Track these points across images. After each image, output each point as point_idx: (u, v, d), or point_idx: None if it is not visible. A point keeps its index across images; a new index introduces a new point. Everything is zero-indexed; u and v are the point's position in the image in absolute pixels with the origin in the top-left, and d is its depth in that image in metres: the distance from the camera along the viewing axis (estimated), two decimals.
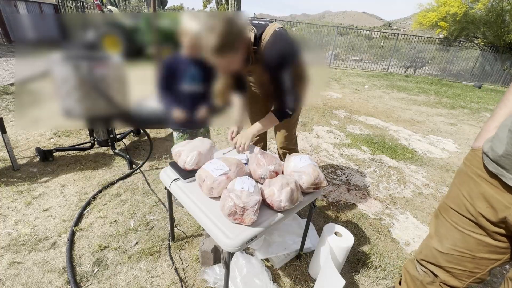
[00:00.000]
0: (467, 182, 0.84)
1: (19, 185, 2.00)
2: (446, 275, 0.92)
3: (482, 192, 0.79)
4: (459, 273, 0.90)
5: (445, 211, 0.92)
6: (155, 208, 1.91)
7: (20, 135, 2.71)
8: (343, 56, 11.75)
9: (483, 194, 0.79)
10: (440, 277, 0.94)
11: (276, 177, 1.16)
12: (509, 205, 0.73)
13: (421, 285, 0.99)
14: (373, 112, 4.97)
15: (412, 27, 14.33)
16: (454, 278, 0.91)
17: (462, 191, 0.85)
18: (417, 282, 1.01)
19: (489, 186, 0.77)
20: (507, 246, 0.81)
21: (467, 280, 0.90)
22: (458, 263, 0.89)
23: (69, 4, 10.75)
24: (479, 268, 0.87)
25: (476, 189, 0.80)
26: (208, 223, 1.05)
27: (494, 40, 11.08)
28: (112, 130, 2.47)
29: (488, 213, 0.78)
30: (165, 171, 1.35)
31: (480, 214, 0.80)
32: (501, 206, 0.74)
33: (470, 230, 0.84)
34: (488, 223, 0.79)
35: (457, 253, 0.88)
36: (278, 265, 1.53)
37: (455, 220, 0.88)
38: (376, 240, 1.83)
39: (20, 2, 8.17)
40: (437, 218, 0.96)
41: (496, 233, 0.80)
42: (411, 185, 2.59)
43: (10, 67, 5.26)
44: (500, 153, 0.72)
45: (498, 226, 0.78)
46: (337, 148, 3.23)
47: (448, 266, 0.91)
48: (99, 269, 1.43)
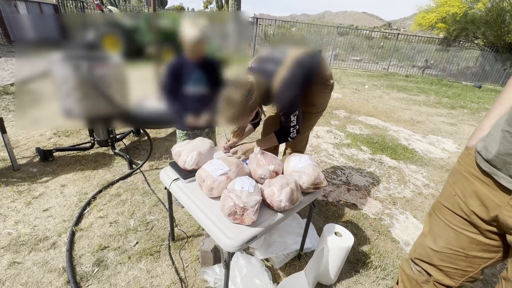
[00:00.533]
0: (461, 180, 0.85)
1: (19, 185, 2.00)
2: (440, 274, 0.93)
3: (475, 191, 0.79)
4: (452, 272, 0.91)
5: (439, 209, 0.93)
6: (155, 208, 1.91)
7: (20, 135, 2.71)
8: (343, 56, 11.75)
9: (476, 192, 0.79)
10: (434, 276, 0.94)
11: (276, 177, 1.16)
12: (500, 204, 0.73)
13: (417, 284, 1.00)
14: (373, 112, 4.97)
15: (411, 27, 14.34)
16: (447, 277, 0.92)
17: (456, 190, 0.86)
18: (413, 281, 1.02)
19: (482, 185, 0.78)
20: (499, 244, 0.82)
21: (460, 279, 0.91)
22: (451, 261, 0.89)
23: (69, 4, 10.75)
24: (472, 267, 0.87)
25: (469, 188, 0.81)
26: (208, 223, 1.05)
27: (494, 40, 11.09)
28: (112, 130, 2.47)
29: (480, 211, 0.79)
30: (165, 171, 1.35)
31: (472, 212, 0.81)
32: (493, 204, 0.75)
33: (463, 228, 0.85)
34: (480, 221, 0.80)
35: (450, 251, 0.89)
36: (278, 265, 1.53)
37: (448, 219, 0.89)
38: (376, 240, 1.83)
39: (20, 2, 8.17)
40: (431, 217, 0.97)
41: (488, 231, 0.80)
42: (411, 185, 2.59)
43: (10, 67, 5.26)
44: (493, 152, 0.72)
45: (490, 225, 0.79)
46: (337, 148, 3.23)
47: (442, 264, 0.92)
48: (99, 269, 1.43)
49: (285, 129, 1.48)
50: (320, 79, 1.54)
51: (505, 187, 0.71)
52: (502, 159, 0.70)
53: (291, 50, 1.41)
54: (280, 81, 1.31)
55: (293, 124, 1.45)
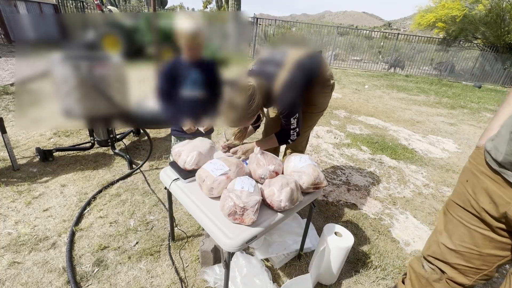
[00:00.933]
0: (471, 178, 0.86)
1: (19, 185, 2.00)
2: (454, 271, 0.93)
3: (485, 188, 0.81)
4: (467, 270, 0.91)
5: (452, 207, 0.94)
6: (155, 208, 1.91)
7: (20, 135, 2.71)
8: (343, 56, 11.75)
9: (485, 189, 0.80)
10: (448, 273, 0.94)
11: (276, 177, 1.16)
12: (509, 200, 0.75)
13: (427, 283, 1.00)
14: (373, 112, 4.97)
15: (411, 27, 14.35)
16: (461, 274, 0.92)
17: (467, 187, 0.87)
18: (423, 280, 1.01)
19: (491, 182, 0.79)
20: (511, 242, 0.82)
21: (474, 276, 0.91)
22: (466, 259, 0.90)
23: (69, 4, 10.75)
24: (486, 265, 0.88)
25: (479, 185, 0.83)
26: (208, 223, 1.05)
27: (494, 40, 11.09)
28: (112, 130, 2.47)
29: (490, 208, 0.80)
30: (165, 171, 1.35)
31: (483, 209, 0.82)
32: (502, 201, 0.76)
33: (475, 225, 0.86)
34: (491, 218, 0.81)
35: (464, 249, 0.89)
36: (278, 265, 1.53)
37: (460, 215, 0.90)
38: (376, 240, 1.83)
39: (20, 2, 8.17)
40: (445, 215, 0.98)
41: (499, 228, 0.81)
42: (411, 185, 2.59)
43: (10, 67, 5.26)
44: (502, 153, 0.74)
45: (500, 222, 0.80)
46: (337, 148, 3.23)
47: (456, 262, 0.92)
48: (99, 269, 1.42)
49: (286, 132, 1.49)
50: (320, 79, 1.55)
51: None
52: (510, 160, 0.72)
53: (291, 51, 1.41)
54: (281, 84, 1.32)
55: (293, 127, 1.45)
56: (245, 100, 1.24)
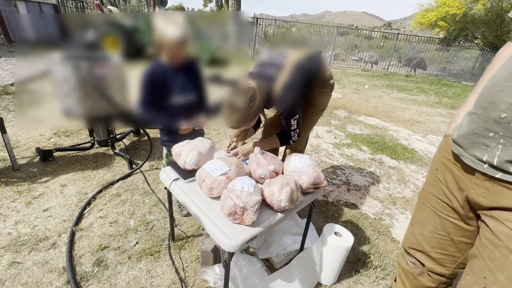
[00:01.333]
0: (441, 167, 0.90)
1: (19, 185, 2.00)
2: (432, 262, 0.97)
3: (452, 175, 0.85)
4: (443, 259, 0.95)
5: (425, 197, 0.98)
6: (155, 208, 1.91)
7: (20, 135, 2.71)
8: (343, 56, 11.75)
9: (453, 176, 0.84)
10: (427, 265, 0.98)
11: (276, 177, 1.16)
12: (469, 184, 0.78)
13: (413, 278, 1.04)
14: (373, 112, 4.97)
15: (411, 26, 14.35)
16: (439, 265, 0.96)
17: (438, 176, 0.91)
18: (410, 276, 1.05)
19: (456, 168, 0.83)
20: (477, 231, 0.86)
21: (451, 266, 0.95)
22: (441, 247, 0.94)
23: (69, 4, 10.75)
24: (459, 252, 0.92)
25: (449, 173, 0.86)
26: (208, 223, 1.05)
27: (494, 40, 11.09)
28: (112, 130, 2.47)
29: (458, 194, 0.84)
30: (165, 171, 1.35)
31: (453, 196, 0.86)
32: (464, 185, 0.80)
33: (447, 214, 0.90)
34: (459, 207, 0.85)
35: (438, 236, 0.93)
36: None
37: (434, 205, 0.94)
38: (376, 240, 1.83)
39: (20, 2, 8.17)
40: (419, 205, 1.02)
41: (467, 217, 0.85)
42: (411, 185, 2.59)
43: (10, 67, 5.26)
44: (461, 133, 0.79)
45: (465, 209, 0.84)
46: (337, 148, 3.23)
47: (432, 251, 0.96)
48: (99, 269, 1.42)
49: (286, 133, 1.49)
50: (320, 79, 1.55)
51: (471, 167, 0.76)
52: (467, 139, 0.76)
53: (291, 52, 1.42)
54: (281, 86, 1.32)
55: (293, 128, 1.46)
56: (246, 101, 1.24)
